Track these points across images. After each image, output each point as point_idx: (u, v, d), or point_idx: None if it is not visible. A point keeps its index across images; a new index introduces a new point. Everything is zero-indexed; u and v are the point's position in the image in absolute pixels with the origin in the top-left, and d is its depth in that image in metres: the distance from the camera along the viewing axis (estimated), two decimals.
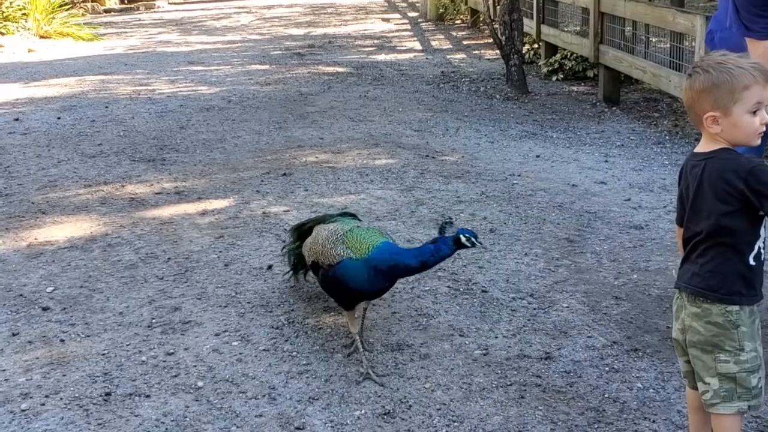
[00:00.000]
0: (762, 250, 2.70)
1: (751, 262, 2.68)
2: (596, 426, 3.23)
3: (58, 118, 8.69)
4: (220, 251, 5.04)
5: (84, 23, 16.83)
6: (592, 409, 3.34)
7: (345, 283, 3.60)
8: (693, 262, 2.72)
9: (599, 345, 3.87)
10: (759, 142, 2.71)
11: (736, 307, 2.67)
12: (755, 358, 2.70)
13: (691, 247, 2.73)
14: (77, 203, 5.99)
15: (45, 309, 4.30)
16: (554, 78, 10.85)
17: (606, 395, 3.45)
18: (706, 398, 2.74)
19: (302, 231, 4.21)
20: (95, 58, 13.27)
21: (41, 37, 15.28)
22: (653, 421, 3.26)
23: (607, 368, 3.66)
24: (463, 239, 3.46)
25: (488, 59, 12.40)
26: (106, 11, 21.44)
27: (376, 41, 14.85)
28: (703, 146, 2.72)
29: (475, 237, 3.49)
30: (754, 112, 2.63)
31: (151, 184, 6.42)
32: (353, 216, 4.28)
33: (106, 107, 9.19)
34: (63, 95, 9.99)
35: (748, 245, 2.67)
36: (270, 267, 4.74)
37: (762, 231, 2.68)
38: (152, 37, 16.13)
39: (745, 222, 2.64)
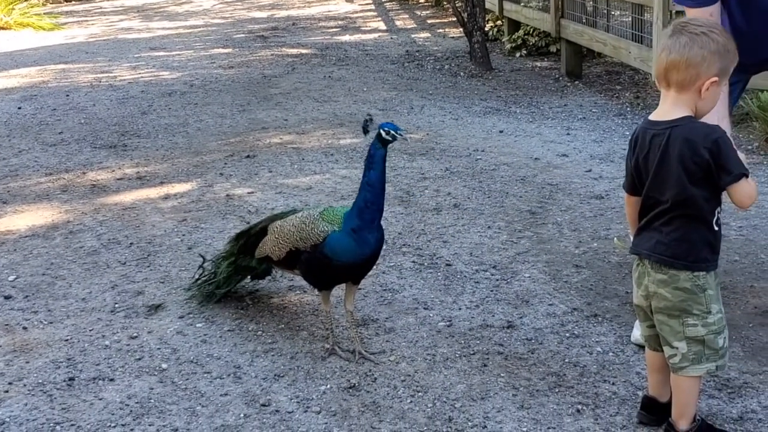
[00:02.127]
0: (719, 215, 2.74)
1: (715, 227, 2.71)
2: (557, 390, 3.28)
3: (19, 108, 8.59)
4: (184, 235, 5.03)
5: (44, 13, 16.60)
6: (553, 374, 3.39)
7: (336, 258, 3.46)
8: (656, 230, 2.73)
9: (560, 312, 3.92)
10: None
11: (703, 273, 2.70)
12: (721, 319, 2.75)
13: (654, 215, 2.73)
14: (38, 192, 5.94)
15: (7, 297, 4.27)
16: (518, 54, 10.88)
17: (567, 360, 3.49)
18: (674, 362, 2.78)
19: (250, 237, 3.91)
20: (56, 47, 13.10)
21: (0, 28, 15.06)
22: (613, 384, 3.30)
23: (567, 334, 3.71)
24: (383, 134, 3.38)
25: (452, 38, 12.40)
26: (67, 0, 21.14)
27: (340, 22, 14.80)
28: (665, 113, 2.70)
29: (396, 129, 3.38)
30: None
31: (113, 171, 6.38)
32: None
33: (67, 96, 9.09)
34: (23, 85, 9.87)
35: (712, 213, 2.69)
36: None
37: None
38: (113, 25, 15.96)
39: (709, 190, 2.65)
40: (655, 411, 3.00)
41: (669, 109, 2.70)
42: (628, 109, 7.92)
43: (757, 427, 3.00)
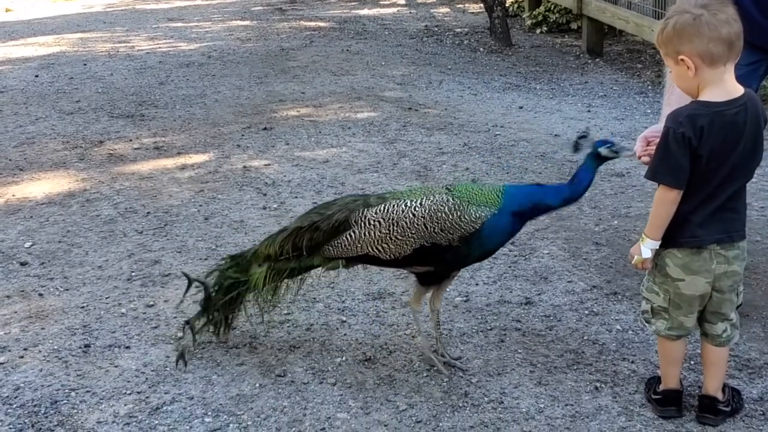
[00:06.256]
0: None
1: None
2: (575, 367, 3.24)
3: (36, 76, 8.57)
4: (200, 205, 5.01)
5: None
6: (572, 351, 3.36)
7: (488, 244, 3.06)
8: (727, 209, 2.69)
9: (579, 289, 3.88)
10: None
11: None
12: None
13: (728, 196, 2.67)
14: (55, 159, 5.93)
15: (23, 264, 4.27)
16: (538, 30, 10.77)
17: (585, 337, 3.46)
18: (726, 335, 2.82)
19: (315, 232, 3.19)
20: (73, 16, 13.07)
21: None
22: (632, 362, 3.27)
23: (586, 312, 3.67)
24: (604, 152, 3.05)
25: (472, 13, 12.29)
26: None
27: None
28: (732, 90, 2.64)
29: (615, 145, 3.05)
30: None
31: (130, 140, 6.36)
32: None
33: (85, 65, 9.07)
34: (41, 54, 9.84)
35: None
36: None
37: None
38: None
39: None
40: (679, 401, 2.94)
41: (735, 84, 2.66)
42: (650, 87, 7.82)
43: None
